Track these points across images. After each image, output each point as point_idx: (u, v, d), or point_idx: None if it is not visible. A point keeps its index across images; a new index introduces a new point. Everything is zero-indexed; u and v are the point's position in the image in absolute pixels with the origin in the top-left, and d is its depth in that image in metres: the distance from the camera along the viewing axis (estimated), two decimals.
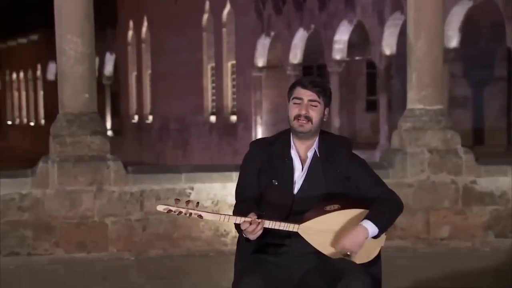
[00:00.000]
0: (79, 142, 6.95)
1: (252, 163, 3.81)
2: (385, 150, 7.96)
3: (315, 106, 3.70)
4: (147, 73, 31.98)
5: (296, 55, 24.82)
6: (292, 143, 3.78)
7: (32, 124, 44.55)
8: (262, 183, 3.76)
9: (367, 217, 3.63)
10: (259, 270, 3.63)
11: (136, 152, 31.77)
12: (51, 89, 42.47)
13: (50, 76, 41.46)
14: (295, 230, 3.63)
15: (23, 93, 46.78)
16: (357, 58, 24.50)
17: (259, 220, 3.56)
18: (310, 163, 3.76)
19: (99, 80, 36.58)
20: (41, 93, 42.78)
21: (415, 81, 7.50)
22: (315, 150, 3.77)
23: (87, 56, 7.03)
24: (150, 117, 31.75)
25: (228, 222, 3.62)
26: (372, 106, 25.47)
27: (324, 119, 3.77)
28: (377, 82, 22.97)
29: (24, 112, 46.70)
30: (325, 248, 3.67)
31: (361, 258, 3.72)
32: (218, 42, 27.03)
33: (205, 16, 27.85)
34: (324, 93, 3.73)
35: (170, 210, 3.56)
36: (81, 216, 6.89)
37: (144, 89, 32.20)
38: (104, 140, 7.01)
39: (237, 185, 3.86)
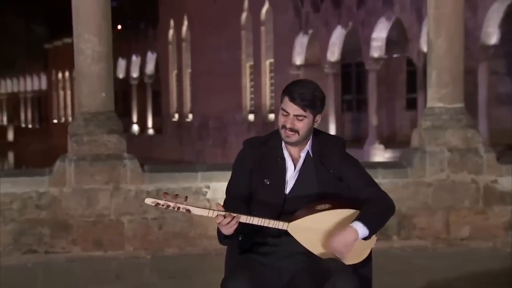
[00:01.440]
0: (95, 141, 7.00)
1: (245, 162, 3.79)
2: (404, 149, 7.87)
3: (301, 120, 3.64)
4: (187, 72, 32.17)
5: (334, 53, 24.72)
6: (284, 143, 3.76)
7: None
8: (254, 182, 3.74)
9: (358, 219, 3.57)
10: (247, 270, 3.61)
11: (177, 150, 31.99)
12: None
13: None
14: (284, 228, 3.61)
15: (68, 92, 47.42)
16: (395, 55, 24.31)
17: (234, 214, 3.54)
18: (303, 163, 3.73)
19: (141, 79, 37.17)
20: None
21: (435, 79, 7.41)
22: (308, 151, 3.74)
23: (104, 55, 7.07)
24: (190, 116, 31.94)
25: (215, 217, 3.61)
26: (412, 104, 25.21)
27: (315, 125, 3.73)
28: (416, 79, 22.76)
29: (69, 111, 47.34)
30: (314, 247, 3.63)
31: (351, 259, 3.67)
32: (256, 41, 27.07)
33: (244, 15, 27.91)
34: (313, 106, 3.64)
35: (158, 204, 3.58)
36: (97, 215, 6.94)
37: (184, 87, 32.40)
38: (121, 139, 7.05)
39: (228, 183, 3.86)
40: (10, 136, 59.10)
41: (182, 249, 7.08)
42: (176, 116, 33.29)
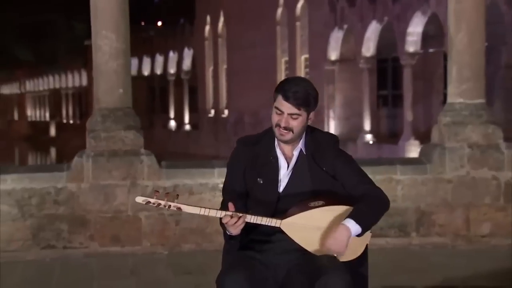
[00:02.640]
0: (113, 137, 7.04)
1: (238, 161, 3.80)
2: (424, 145, 7.78)
3: (296, 119, 3.63)
4: (223, 68, 32.24)
5: (369, 48, 24.59)
6: (277, 142, 3.74)
7: None
8: (248, 182, 3.75)
9: (350, 216, 3.55)
10: (244, 267, 3.60)
11: (213, 145, 32.07)
12: (133, 84, 43.24)
13: (133, 71, 42.26)
14: (277, 225, 3.60)
15: None
16: (431, 50, 24.07)
17: (240, 214, 3.53)
18: (296, 161, 3.72)
19: (178, 75, 37.37)
20: None
21: (455, 75, 7.31)
22: (301, 149, 3.72)
23: (121, 52, 7.10)
24: (226, 111, 31.99)
25: (208, 215, 3.61)
26: None
27: (309, 123, 3.71)
28: None
29: None
30: (308, 244, 3.62)
31: (346, 256, 3.64)
32: (291, 36, 27.03)
33: (279, 10, 27.86)
34: (307, 104, 3.63)
35: (149, 202, 3.58)
36: (115, 210, 6.98)
37: (220, 83, 32.46)
38: (138, 135, 7.08)
39: (224, 182, 3.87)
40: (52, 131, 59.98)
41: (199, 245, 7.09)
42: (212, 112, 33.38)
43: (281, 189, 3.70)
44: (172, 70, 38.48)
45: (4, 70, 72.17)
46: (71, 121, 59.39)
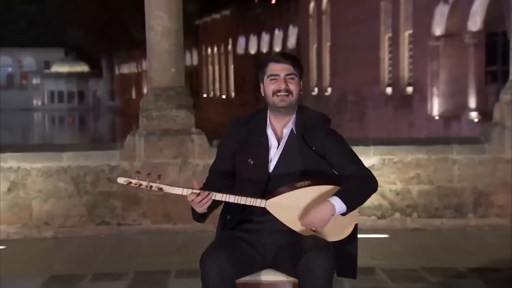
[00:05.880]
0: (165, 116, 7.11)
1: (229, 141, 3.81)
2: (485, 125, 7.48)
3: (292, 79, 3.66)
4: (326, 45, 31.96)
5: (475, 23, 23.76)
6: (268, 121, 3.71)
7: (223, 96, 45.95)
8: (239, 162, 3.73)
9: (336, 194, 3.50)
10: (226, 247, 3.58)
11: None
12: (241, 63, 43.73)
13: (240, 50, 42.56)
14: (262, 205, 3.58)
15: (216, 67, 48.40)
16: None
17: (207, 192, 3.55)
18: (286, 140, 3.69)
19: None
20: (231, 67, 43.99)
21: None
22: (292, 128, 3.68)
23: (173, 32, 7.14)
24: (329, 89, 31.74)
25: (188, 195, 3.63)
26: None
27: (301, 92, 3.68)
28: None
29: (217, 85, 48.31)
30: (294, 224, 3.59)
31: (334, 235, 3.60)
32: (395, 11, 26.47)
33: None
34: (298, 65, 3.70)
35: (130, 183, 3.62)
36: None
37: (323, 61, 32.21)
38: (189, 114, 7.12)
39: (213, 161, 3.86)
40: None
41: None
42: (316, 90, 33.18)
43: (271, 169, 3.67)
44: (277, 48, 38.51)
45: (123, 50, 74.24)
46: None
